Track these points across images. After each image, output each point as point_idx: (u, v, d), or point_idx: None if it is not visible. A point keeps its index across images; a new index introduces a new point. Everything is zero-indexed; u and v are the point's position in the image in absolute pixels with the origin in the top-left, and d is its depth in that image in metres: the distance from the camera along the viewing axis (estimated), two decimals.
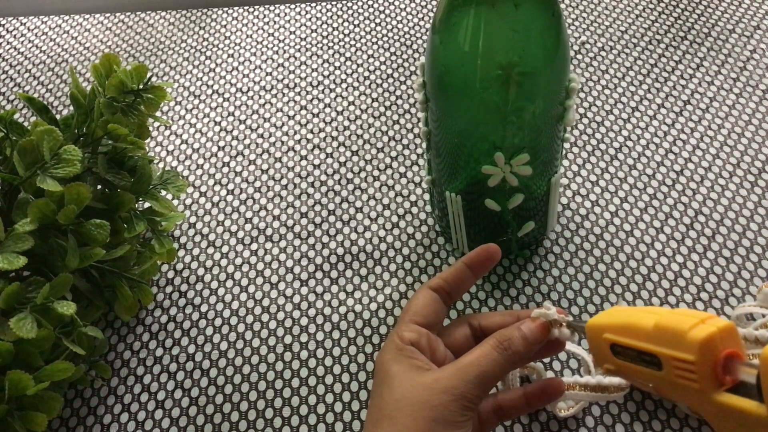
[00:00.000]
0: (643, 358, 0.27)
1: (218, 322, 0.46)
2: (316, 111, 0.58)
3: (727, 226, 0.47)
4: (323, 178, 0.53)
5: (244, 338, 0.45)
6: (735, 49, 0.58)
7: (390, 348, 0.33)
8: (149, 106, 0.42)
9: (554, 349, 0.34)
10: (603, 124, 0.54)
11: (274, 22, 0.65)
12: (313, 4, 0.67)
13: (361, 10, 0.65)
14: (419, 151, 0.54)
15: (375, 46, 0.62)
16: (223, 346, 0.45)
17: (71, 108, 0.43)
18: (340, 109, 0.57)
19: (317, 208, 0.51)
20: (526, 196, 0.40)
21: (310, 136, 0.56)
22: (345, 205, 0.51)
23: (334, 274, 0.48)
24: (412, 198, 0.51)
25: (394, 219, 0.50)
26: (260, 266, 0.48)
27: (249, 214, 0.51)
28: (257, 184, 0.53)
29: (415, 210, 0.50)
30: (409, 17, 0.64)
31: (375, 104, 0.58)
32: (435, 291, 0.35)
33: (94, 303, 0.42)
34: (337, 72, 0.60)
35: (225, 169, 0.54)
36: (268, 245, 0.49)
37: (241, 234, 0.50)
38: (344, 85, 0.59)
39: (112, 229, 0.39)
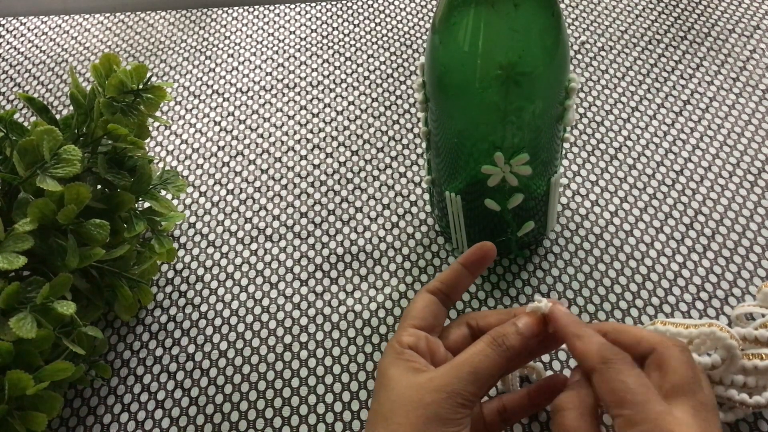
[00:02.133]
0: None
1: (218, 321, 0.46)
2: (315, 111, 0.58)
3: (726, 226, 0.47)
4: (323, 177, 0.53)
5: (243, 338, 0.45)
6: (735, 48, 0.58)
7: (389, 353, 0.33)
8: (149, 106, 0.42)
9: (553, 345, 0.34)
10: (603, 124, 0.54)
11: (274, 22, 0.65)
12: (313, 4, 0.67)
13: (360, 10, 0.65)
14: (419, 150, 0.54)
15: (375, 46, 0.62)
16: (223, 345, 0.45)
17: (71, 108, 0.43)
18: (339, 108, 0.57)
19: (317, 207, 0.51)
20: (525, 196, 0.40)
21: (309, 135, 0.56)
22: (345, 205, 0.51)
23: (333, 273, 0.48)
24: (412, 198, 0.51)
25: (394, 219, 0.50)
26: (260, 266, 0.48)
27: (249, 214, 0.51)
28: (257, 183, 0.53)
29: (414, 210, 0.50)
30: (409, 17, 0.64)
31: (375, 104, 0.58)
32: (432, 293, 0.35)
33: (94, 303, 0.42)
34: (337, 72, 0.60)
35: (225, 169, 0.54)
36: (268, 245, 0.49)
37: (240, 234, 0.50)
38: (344, 85, 0.59)
39: (112, 228, 0.39)
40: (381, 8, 0.65)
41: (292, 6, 0.67)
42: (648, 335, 0.31)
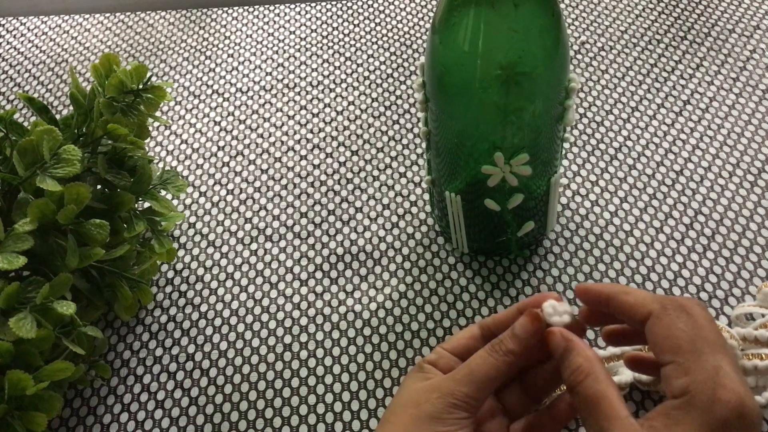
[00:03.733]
0: None
1: (218, 321, 0.46)
2: (315, 111, 0.58)
3: (726, 226, 0.47)
4: (323, 178, 0.53)
5: (243, 338, 0.45)
6: (735, 48, 0.58)
7: (412, 368, 0.34)
8: (149, 106, 0.42)
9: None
10: (603, 124, 0.54)
11: (274, 22, 0.65)
12: (313, 4, 0.67)
13: (360, 10, 0.65)
14: (419, 151, 0.54)
15: (375, 46, 0.62)
16: (223, 345, 0.45)
17: (71, 108, 0.43)
18: (339, 109, 0.57)
19: (317, 207, 0.51)
20: (525, 196, 0.40)
21: (309, 135, 0.56)
22: (345, 205, 0.51)
23: (333, 273, 0.48)
24: (412, 198, 0.51)
25: (394, 219, 0.50)
26: (260, 266, 0.48)
27: (249, 214, 0.51)
28: (257, 184, 0.53)
29: (414, 210, 0.50)
30: (409, 17, 0.64)
31: (375, 104, 0.58)
32: (480, 328, 0.35)
33: (94, 303, 0.42)
34: (337, 72, 0.60)
35: (225, 169, 0.54)
36: (268, 245, 0.49)
37: (240, 234, 0.50)
38: (344, 85, 0.59)
39: (112, 228, 0.39)
40: (381, 8, 0.65)
41: (292, 6, 0.67)
42: (671, 297, 0.30)
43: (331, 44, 0.63)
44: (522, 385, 0.35)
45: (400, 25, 0.64)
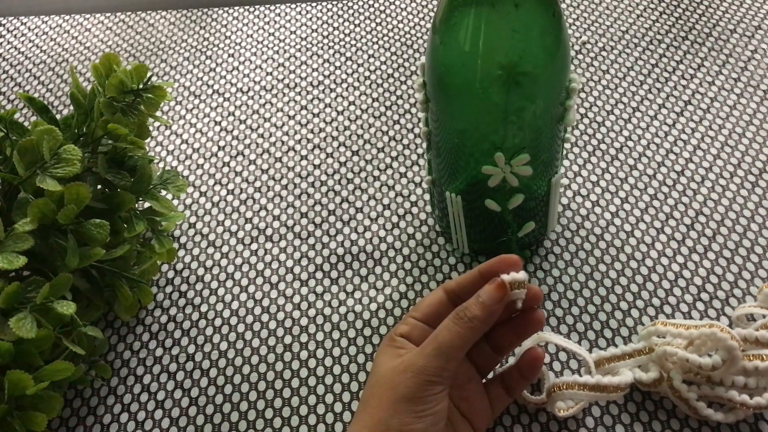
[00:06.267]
0: None
1: (218, 322, 0.46)
2: (316, 111, 0.58)
3: (727, 227, 0.47)
4: (323, 178, 0.53)
5: (243, 338, 0.45)
6: (736, 49, 0.58)
7: (384, 341, 0.36)
8: (149, 105, 0.42)
9: (530, 322, 0.36)
10: (603, 125, 0.54)
11: (275, 22, 0.65)
12: (314, 4, 0.67)
13: (361, 10, 0.65)
14: (419, 151, 0.54)
15: (375, 46, 0.62)
16: (223, 346, 0.45)
17: (71, 108, 0.43)
18: (340, 109, 0.57)
19: (317, 208, 0.51)
20: (526, 197, 0.40)
21: (310, 136, 0.56)
22: (345, 205, 0.51)
23: (334, 274, 0.47)
24: (413, 198, 0.51)
25: (395, 219, 0.50)
26: (260, 266, 0.48)
27: (249, 214, 0.51)
28: (257, 184, 0.53)
29: (415, 210, 0.50)
30: (410, 17, 0.64)
31: (375, 104, 0.58)
32: (445, 292, 0.37)
33: (94, 303, 0.42)
34: (338, 72, 0.60)
35: (225, 169, 0.54)
36: (268, 245, 0.49)
37: (241, 234, 0.50)
38: (344, 85, 0.59)
39: (112, 228, 0.39)
40: (381, 8, 0.65)
41: (293, 6, 0.67)
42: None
43: (331, 44, 0.63)
44: (489, 342, 0.37)
45: (400, 25, 0.64)
